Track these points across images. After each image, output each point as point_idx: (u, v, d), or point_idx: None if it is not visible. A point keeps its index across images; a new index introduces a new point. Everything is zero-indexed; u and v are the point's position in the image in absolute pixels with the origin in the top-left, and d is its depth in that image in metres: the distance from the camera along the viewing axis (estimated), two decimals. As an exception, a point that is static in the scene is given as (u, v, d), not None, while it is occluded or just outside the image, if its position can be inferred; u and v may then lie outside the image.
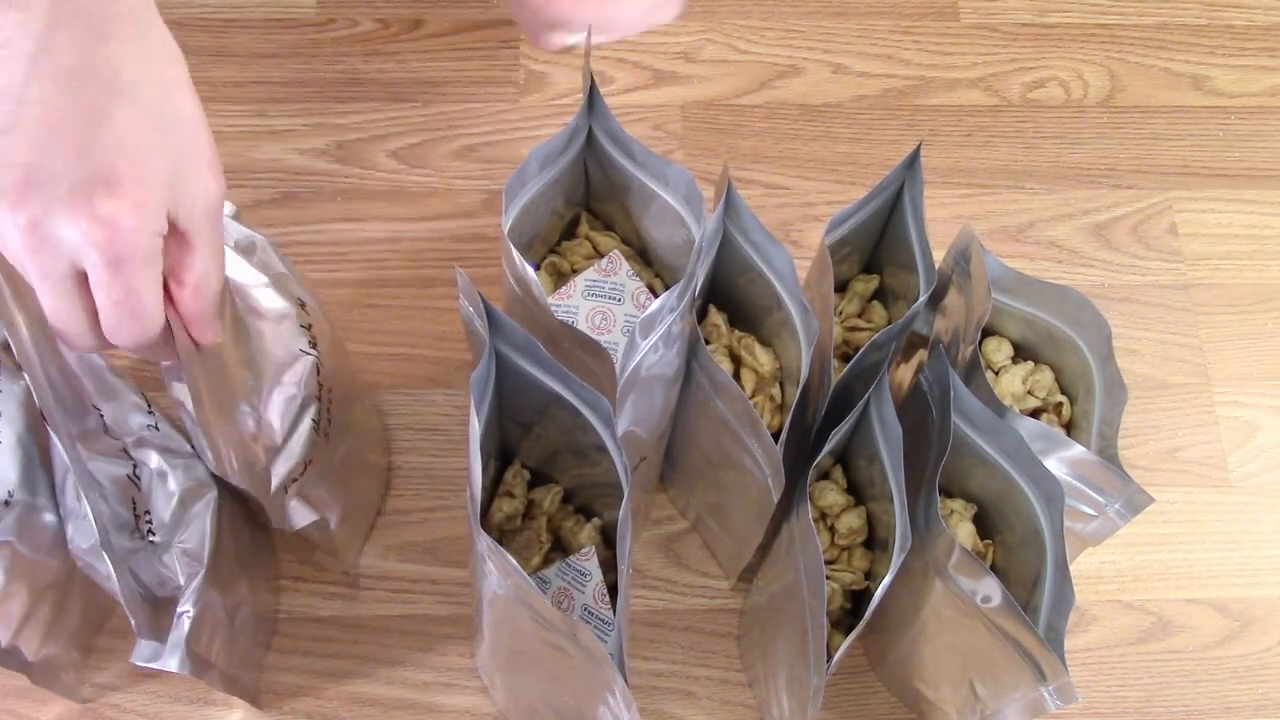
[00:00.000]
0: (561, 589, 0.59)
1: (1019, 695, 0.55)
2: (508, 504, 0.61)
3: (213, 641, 0.58)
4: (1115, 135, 0.87)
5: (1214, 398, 0.79)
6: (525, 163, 0.55)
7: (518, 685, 0.60)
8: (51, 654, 0.62)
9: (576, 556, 0.59)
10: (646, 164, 0.56)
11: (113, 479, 0.56)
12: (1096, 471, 0.57)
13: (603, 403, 0.50)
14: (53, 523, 0.56)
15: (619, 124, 0.56)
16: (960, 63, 0.88)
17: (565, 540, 0.62)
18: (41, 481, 0.56)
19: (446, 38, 0.86)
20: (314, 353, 0.59)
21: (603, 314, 0.60)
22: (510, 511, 0.61)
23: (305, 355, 0.58)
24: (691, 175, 0.55)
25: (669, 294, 0.51)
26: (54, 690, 0.63)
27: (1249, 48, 0.91)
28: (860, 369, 0.59)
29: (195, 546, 0.57)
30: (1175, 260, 0.83)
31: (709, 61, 0.87)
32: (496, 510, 0.61)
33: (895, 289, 0.66)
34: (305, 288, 0.60)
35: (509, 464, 0.62)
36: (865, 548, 0.63)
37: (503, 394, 0.54)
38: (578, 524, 0.62)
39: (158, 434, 0.58)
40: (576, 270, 0.62)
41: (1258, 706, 0.71)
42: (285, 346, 0.58)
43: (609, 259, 0.61)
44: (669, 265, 0.61)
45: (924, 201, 0.60)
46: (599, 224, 0.64)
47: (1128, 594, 0.73)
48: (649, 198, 0.58)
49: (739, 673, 0.70)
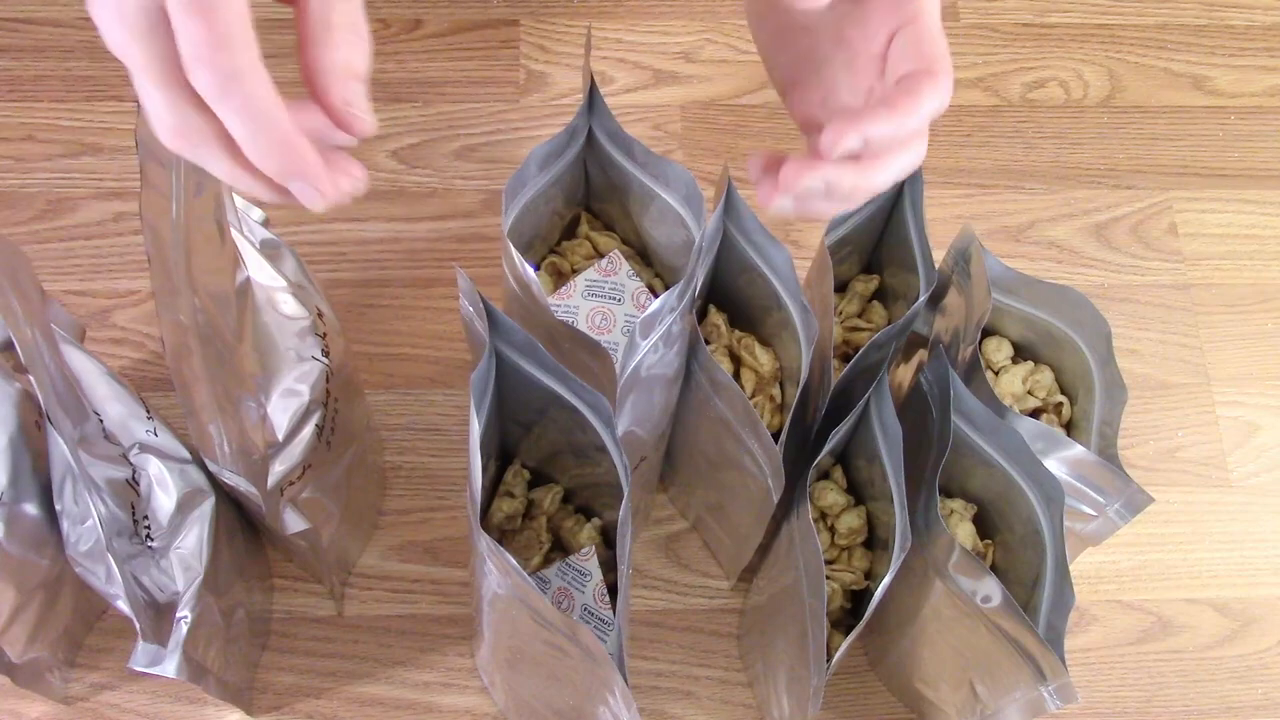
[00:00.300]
0: (561, 589, 0.59)
1: (1019, 695, 0.55)
2: (508, 504, 0.61)
3: (209, 647, 0.58)
4: (1115, 135, 0.87)
5: (1214, 398, 0.79)
6: (525, 163, 0.55)
7: (518, 685, 0.60)
8: (37, 656, 0.62)
9: (576, 556, 0.59)
10: (646, 164, 0.56)
11: (111, 483, 0.56)
12: (1096, 471, 0.57)
13: (602, 403, 0.50)
14: (43, 522, 0.56)
15: (619, 124, 0.56)
16: (960, 63, 0.88)
17: (565, 540, 0.62)
18: (32, 483, 0.56)
19: (446, 38, 0.86)
20: (325, 361, 0.59)
21: (603, 314, 0.60)
22: (510, 511, 0.61)
23: (317, 362, 0.59)
24: (692, 175, 0.55)
25: (669, 294, 0.51)
26: (38, 692, 0.63)
27: (1249, 48, 0.91)
28: (860, 369, 0.59)
29: (193, 552, 0.57)
30: (1175, 260, 0.83)
31: (709, 61, 0.87)
32: (496, 510, 0.61)
33: (895, 289, 0.66)
34: (325, 301, 0.61)
35: (509, 464, 0.62)
36: (865, 548, 0.63)
37: (502, 394, 0.54)
38: (578, 524, 0.62)
39: (156, 439, 0.58)
40: (576, 270, 0.62)
41: (1258, 706, 0.71)
42: (298, 350, 0.59)
43: (609, 259, 0.61)
44: (669, 265, 0.61)
45: (924, 201, 0.60)
46: (599, 224, 0.64)
47: (1128, 594, 0.73)
48: (649, 198, 0.58)
49: (739, 673, 0.70)
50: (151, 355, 0.75)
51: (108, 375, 0.58)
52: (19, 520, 0.55)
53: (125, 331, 0.75)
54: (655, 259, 0.62)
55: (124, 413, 0.57)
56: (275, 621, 0.69)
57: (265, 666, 0.68)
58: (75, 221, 0.78)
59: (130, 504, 0.57)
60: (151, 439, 0.58)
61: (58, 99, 0.82)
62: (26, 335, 0.51)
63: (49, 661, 0.64)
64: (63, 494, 0.56)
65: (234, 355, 0.55)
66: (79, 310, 0.75)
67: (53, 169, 0.80)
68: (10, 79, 0.83)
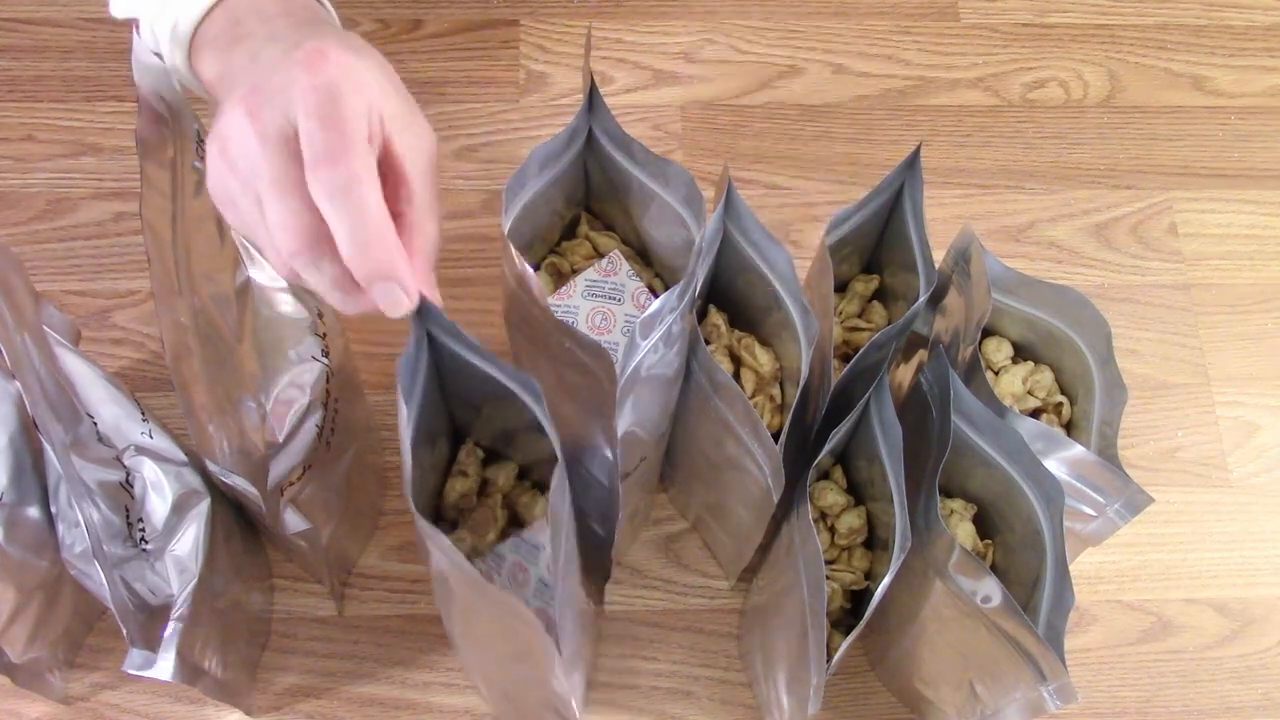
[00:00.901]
0: (516, 562, 0.59)
1: (1019, 695, 0.55)
2: (461, 483, 0.61)
3: (205, 648, 0.58)
4: (1115, 135, 0.87)
5: (1214, 398, 0.79)
6: (525, 163, 0.55)
7: (488, 671, 0.60)
8: (37, 656, 0.62)
9: (530, 530, 0.59)
10: (646, 164, 0.56)
11: (105, 486, 0.56)
12: (1096, 471, 0.57)
13: (531, 382, 0.50)
14: (43, 524, 0.56)
15: (618, 124, 0.56)
16: (960, 63, 0.88)
17: (521, 515, 0.62)
18: (33, 483, 0.56)
19: (446, 38, 0.86)
20: (325, 361, 0.59)
21: (603, 314, 0.60)
22: (464, 490, 0.61)
23: (316, 362, 0.59)
24: (691, 176, 0.55)
25: (669, 294, 0.51)
26: (38, 692, 0.63)
27: (1249, 48, 0.91)
28: (860, 369, 0.59)
29: (188, 554, 0.57)
30: (1175, 260, 0.83)
31: (709, 61, 0.87)
32: (450, 490, 0.61)
33: (895, 289, 0.66)
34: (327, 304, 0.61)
35: (461, 444, 0.62)
36: (865, 548, 0.63)
37: (444, 378, 0.54)
38: (533, 499, 0.62)
39: (151, 441, 0.58)
40: (576, 270, 0.62)
41: (1258, 706, 0.71)
42: (298, 350, 0.59)
43: (609, 259, 0.61)
44: (669, 265, 0.61)
45: (924, 202, 0.60)
46: (599, 224, 0.64)
47: (1128, 594, 0.73)
48: (649, 198, 0.58)
49: (739, 673, 0.70)
50: (151, 355, 0.75)
51: (103, 378, 0.58)
52: (19, 521, 0.55)
53: (125, 332, 0.75)
54: (655, 259, 0.62)
55: (119, 415, 0.57)
56: (275, 621, 0.69)
57: (265, 666, 0.68)
58: (75, 221, 0.78)
59: (124, 507, 0.57)
60: (147, 441, 0.58)
61: (58, 99, 0.82)
62: (15, 342, 0.51)
63: (49, 661, 0.64)
64: (58, 495, 0.56)
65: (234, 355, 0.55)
66: (79, 310, 0.75)
67: (53, 169, 0.80)
68: (10, 79, 0.83)
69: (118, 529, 0.56)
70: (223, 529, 0.60)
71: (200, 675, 0.57)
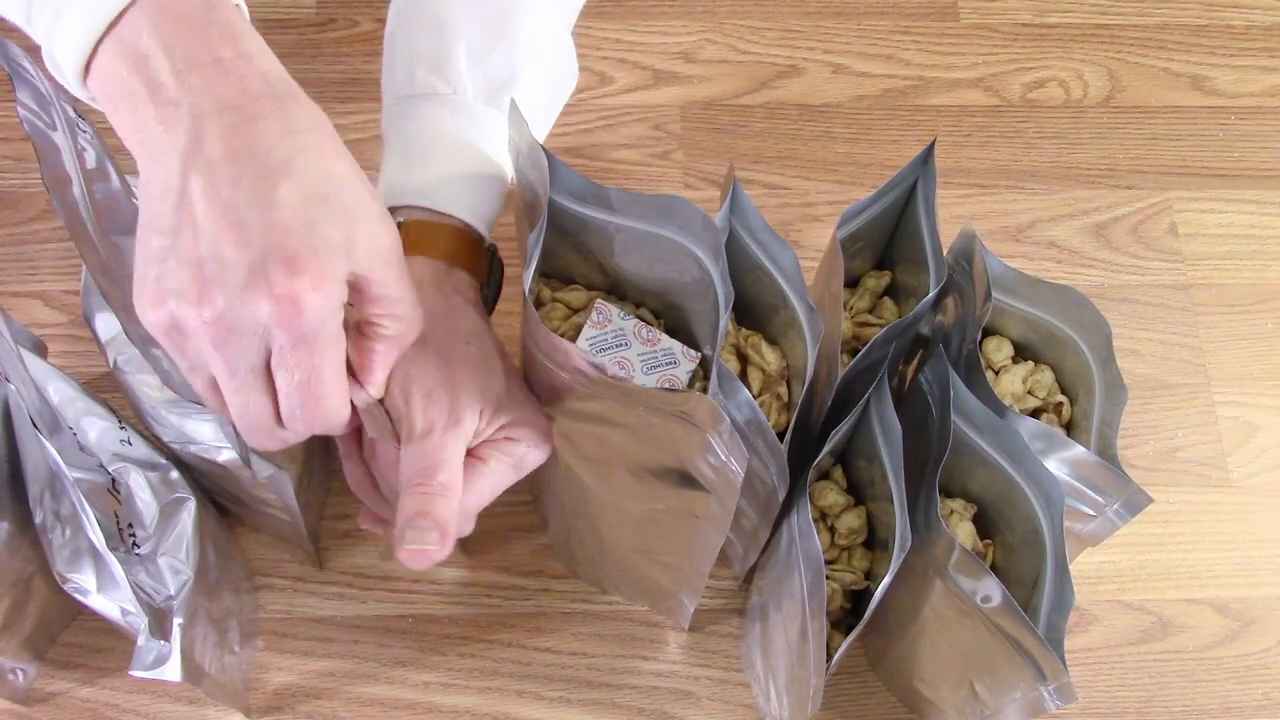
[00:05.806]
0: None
1: (1019, 695, 0.55)
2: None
3: (205, 649, 0.58)
4: (1115, 135, 0.87)
5: (1214, 398, 0.79)
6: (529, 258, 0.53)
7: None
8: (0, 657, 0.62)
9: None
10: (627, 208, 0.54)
11: (93, 492, 0.56)
12: (1096, 471, 0.57)
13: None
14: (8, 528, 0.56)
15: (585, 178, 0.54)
16: (960, 63, 0.88)
17: None
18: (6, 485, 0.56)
19: (446, 38, 0.86)
20: None
21: (619, 363, 0.58)
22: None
23: None
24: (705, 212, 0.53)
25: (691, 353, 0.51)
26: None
27: (1249, 48, 0.91)
28: (865, 365, 0.59)
29: (181, 556, 0.58)
30: (1175, 260, 0.83)
31: (709, 61, 0.87)
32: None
33: (907, 286, 0.66)
34: None
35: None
36: (865, 548, 0.63)
37: None
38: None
39: (131, 449, 0.59)
40: (562, 334, 0.59)
41: (1258, 706, 0.71)
42: None
43: (596, 310, 0.58)
44: (653, 291, 0.60)
45: (937, 199, 0.60)
46: (555, 283, 0.62)
47: (1128, 594, 0.73)
48: (610, 232, 0.56)
49: (739, 673, 0.70)
50: (151, 355, 0.75)
51: (78, 389, 0.58)
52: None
53: (125, 331, 0.75)
54: (630, 287, 0.61)
55: (98, 426, 0.58)
56: (275, 621, 0.69)
57: (265, 667, 0.68)
58: (75, 221, 0.78)
59: (114, 512, 0.57)
60: (127, 449, 0.58)
61: (58, 99, 0.82)
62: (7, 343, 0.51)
63: (11, 663, 0.64)
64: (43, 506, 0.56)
65: None
66: (79, 310, 0.75)
67: (53, 169, 0.80)
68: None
69: (110, 533, 0.57)
70: (209, 530, 0.61)
71: (202, 675, 0.57)
